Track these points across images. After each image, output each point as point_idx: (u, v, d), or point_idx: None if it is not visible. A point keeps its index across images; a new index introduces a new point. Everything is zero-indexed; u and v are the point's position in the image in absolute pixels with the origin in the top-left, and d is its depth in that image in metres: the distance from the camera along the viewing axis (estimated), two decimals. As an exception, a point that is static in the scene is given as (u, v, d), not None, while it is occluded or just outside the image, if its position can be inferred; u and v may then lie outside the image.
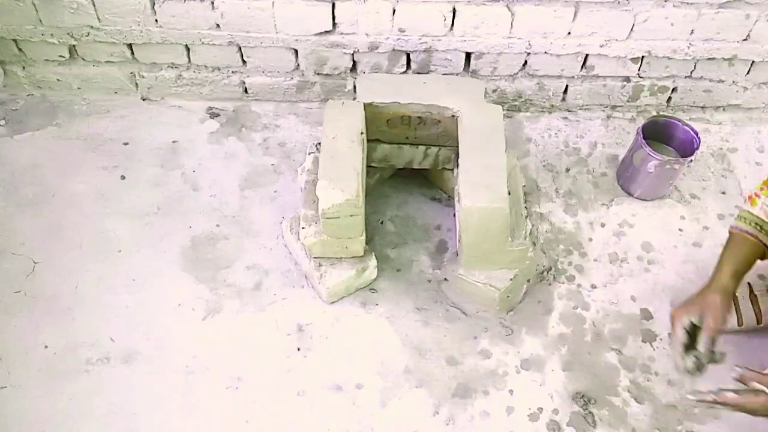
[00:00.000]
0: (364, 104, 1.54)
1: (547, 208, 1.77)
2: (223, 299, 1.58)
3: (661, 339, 1.54)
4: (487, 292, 1.50)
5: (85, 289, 1.57)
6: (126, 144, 1.86)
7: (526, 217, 1.55)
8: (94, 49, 1.84)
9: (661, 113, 1.90)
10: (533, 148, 1.91)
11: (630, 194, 1.80)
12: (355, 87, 1.82)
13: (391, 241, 1.70)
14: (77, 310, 1.54)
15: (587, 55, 1.84)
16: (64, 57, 1.86)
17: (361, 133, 1.49)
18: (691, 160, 1.68)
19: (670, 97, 1.97)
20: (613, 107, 2.00)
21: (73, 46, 1.83)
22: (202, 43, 1.80)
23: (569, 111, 2.00)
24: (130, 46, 1.83)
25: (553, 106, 2.00)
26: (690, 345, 1.26)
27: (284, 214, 1.70)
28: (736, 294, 1.40)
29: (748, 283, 1.49)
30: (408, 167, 1.71)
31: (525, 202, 1.60)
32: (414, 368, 1.49)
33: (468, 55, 1.84)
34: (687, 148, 1.73)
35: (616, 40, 1.79)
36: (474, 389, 1.47)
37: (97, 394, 1.39)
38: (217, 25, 1.75)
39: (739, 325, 1.49)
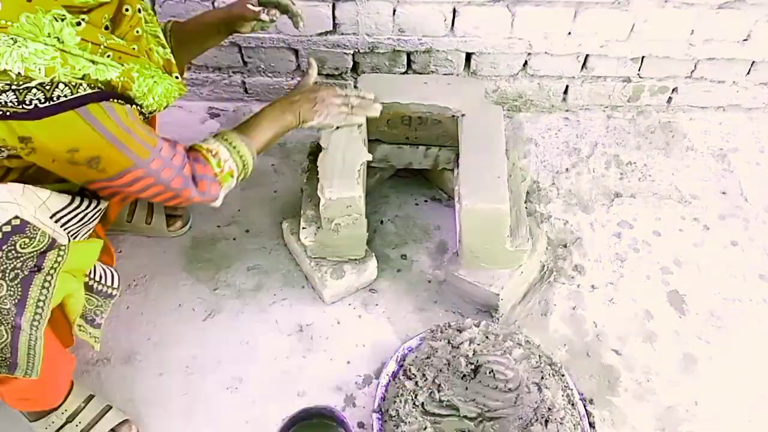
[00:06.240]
0: (365, 104, 1.53)
1: (547, 208, 1.77)
2: (224, 300, 1.58)
3: (661, 339, 1.54)
4: (487, 293, 1.50)
5: (86, 290, 1.57)
6: (126, 144, 1.86)
7: (527, 217, 1.56)
8: (94, 50, 1.84)
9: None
10: (533, 148, 1.91)
11: None
12: (355, 87, 1.82)
13: (391, 242, 1.70)
14: (77, 311, 1.54)
15: (588, 56, 1.84)
16: (64, 57, 1.86)
17: (362, 135, 1.49)
18: None
19: (670, 98, 1.97)
20: (614, 107, 2.00)
21: (74, 46, 1.83)
22: (203, 43, 1.80)
23: (569, 111, 2.00)
24: (130, 46, 1.83)
25: (553, 106, 2.00)
26: None
27: (284, 215, 1.70)
28: None
29: None
30: (408, 167, 1.71)
31: (525, 202, 1.60)
32: (414, 368, 1.49)
33: (468, 56, 1.84)
34: None
35: (617, 40, 1.79)
36: (474, 389, 1.46)
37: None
38: (218, 26, 1.75)
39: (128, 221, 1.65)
